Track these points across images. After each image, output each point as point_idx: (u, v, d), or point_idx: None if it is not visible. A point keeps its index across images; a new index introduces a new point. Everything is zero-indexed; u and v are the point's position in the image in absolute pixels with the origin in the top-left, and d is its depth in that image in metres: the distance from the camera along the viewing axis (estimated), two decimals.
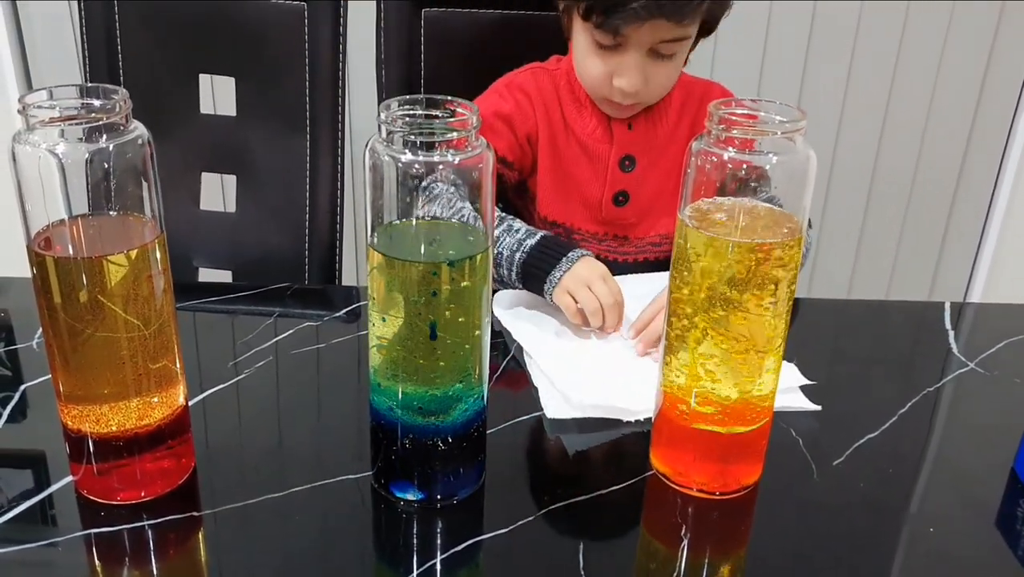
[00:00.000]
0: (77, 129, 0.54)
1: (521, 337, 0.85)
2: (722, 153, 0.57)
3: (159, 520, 0.61)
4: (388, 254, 0.56)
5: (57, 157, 0.54)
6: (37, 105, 0.53)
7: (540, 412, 0.75)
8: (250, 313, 0.89)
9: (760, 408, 0.63)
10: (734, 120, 0.57)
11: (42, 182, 0.54)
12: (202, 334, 0.86)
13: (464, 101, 0.56)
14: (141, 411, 0.61)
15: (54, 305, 0.57)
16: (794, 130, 0.56)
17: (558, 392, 0.76)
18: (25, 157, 0.54)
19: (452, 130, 0.54)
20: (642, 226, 1.07)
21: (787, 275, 0.59)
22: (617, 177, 1.04)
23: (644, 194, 1.05)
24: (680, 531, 0.63)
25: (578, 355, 0.83)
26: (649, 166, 1.05)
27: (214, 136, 1.23)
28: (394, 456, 0.62)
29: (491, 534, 0.62)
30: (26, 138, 0.54)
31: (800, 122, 0.56)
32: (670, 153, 1.05)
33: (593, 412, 0.74)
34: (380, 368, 0.60)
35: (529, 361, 0.82)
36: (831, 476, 0.69)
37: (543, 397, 0.76)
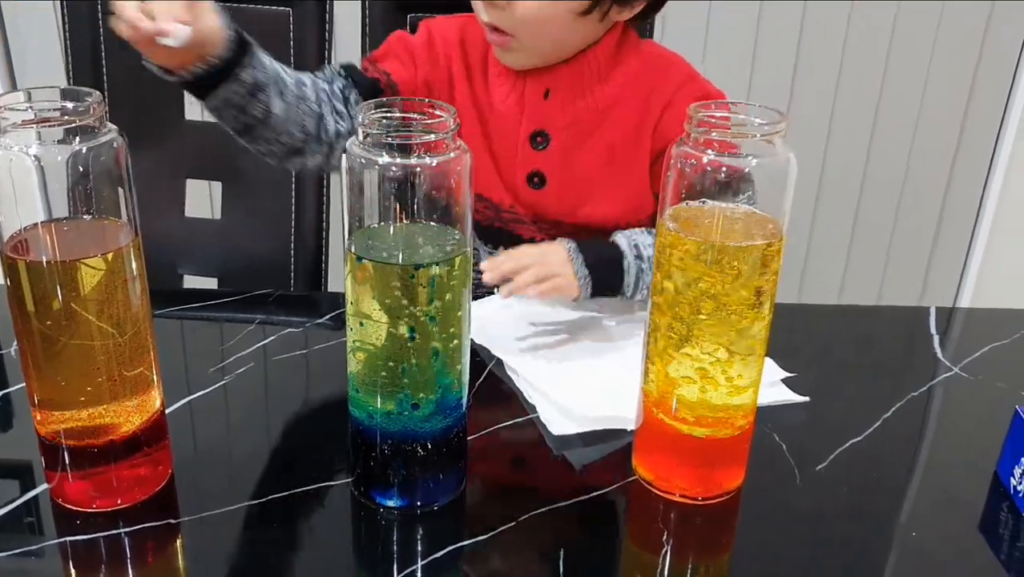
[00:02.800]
0: (51, 132, 0.54)
1: (501, 352, 0.82)
2: (701, 156, 0.57)
3: (136, 527, 0.61)
4: (365, 257, 0.56)
5: (30, 159, 0.53)
6: (9, 107, 0.53)
7: (522, 418, 0.74)
8: (233, 319, 0.89)
9: (742, 412, 0.63)
10: (713, 123, 0.57)
11: (14, 185, 0.54)
12: (185, 340, 0.85)
13: (442, 104, 0.56)
14: (116, 418, 0.60)
15: (26, 310, 0.56)
16: (773, 132, 0.56)
17: (557, 407, 0.74)
18: None
19: (430, 132, 0.54)
20: (571, 215, 0.94)
21: (769, 278, 0.59)
22: (528, 155, 0.93)
23: (566, 177, 0.93)
24: (662, 537, 0.62)
25: (566, 365, 0.81)
26: (572, 146, 0.92)
27: (199, 142, 1.22)
28: (373, 462, 0.62)
29: (471, 541, 0.61)
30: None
31: (780, 124, 0.56)
32: (600, 131, 0.91)
33: (597, 424, 0.72)
34: (358, 373, 0.60)
35: (516, 377, 0.79)
36: (815, 481, 0.68)
37: (543, 414, 0.74)
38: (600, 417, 0.72)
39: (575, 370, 0.80)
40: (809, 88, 1.74)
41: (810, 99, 1.75)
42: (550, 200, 0.94)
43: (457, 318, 0.58)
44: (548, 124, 0.92)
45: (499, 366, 0.81)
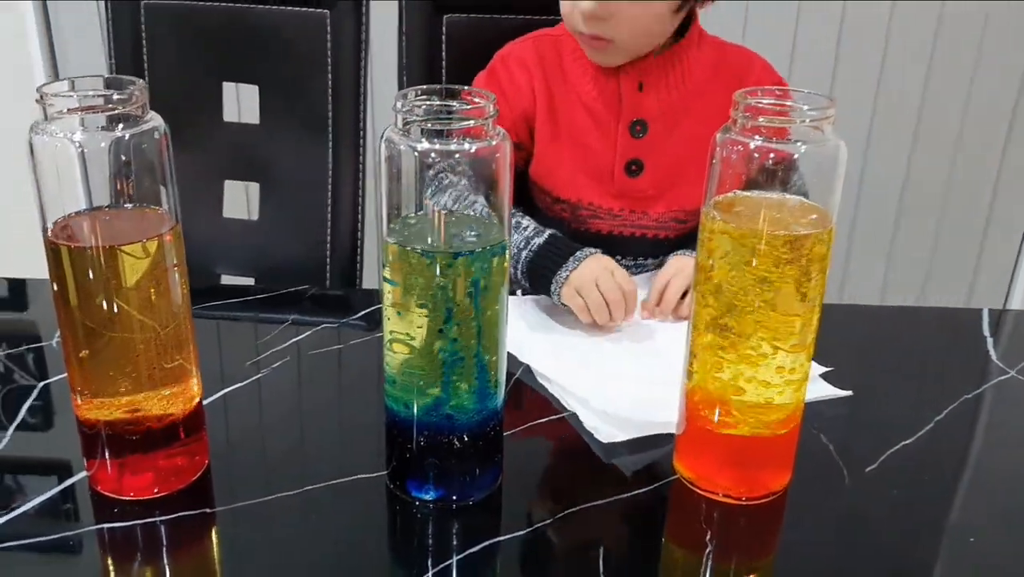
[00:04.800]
0: (95, 120, 0.54)
1: (529, 359, 0.80)
2: (748, 142, 0.56)
3: (171, 516, 0.60)
4: (404, 246, 0.55)
5: (73, 146, 0.53)
6: (55, 95, 0.53)
7: (556, 416, 0.73)
8: (269, 314, 0.89)
9: (789, 410, 0.61)
10: (761, 108, 0.55)
11: (58, 172, 0.54)
12: (221, 334, 0.86)
13: (481, 91, 0.55)
14: (155, 407, 0.60)
15: (68, 296, 0.56)
16: (823, 118, 0.55)
17: (601, 415, 0.72)
18: (42, 147, 0.53)
19: (468, 118, 0.53)
20: (663, 200, 0.99)
21: (818, 271, 0.57)
22: (628, 144, 0.97)
23: (661, 163, 0.97)
24: (705, 537, 0.60)
25: (601, 370, 0.79)
26: (666, 132, 0.97)
27: (237, 144, 1.23)
28: (409, 455, 0.61)
29: (508, 536, 0.60)
30: (44, 128, 0.53)
31: (829, 110, 0.55)
32: (693, 118, 0.96)
33: (645, 430, 0.70)
34: (395, 365, 0.59)
35: (548, 384, 0.77)
36: (864, 483, 0.66)
37: (587, 422, 0.71)
38: (648, 422, 0.70)
39: (612, 374, 0.78)
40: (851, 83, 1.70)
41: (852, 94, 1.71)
42: (645, 185, 0.98)
43: (495, 307, 0.57)
44: (645, 113, 0.96)
45: (528, 369, 0.80)
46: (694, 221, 1.00)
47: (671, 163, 0.97)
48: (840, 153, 0.56)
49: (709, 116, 0.94)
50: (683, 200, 0.99)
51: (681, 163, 0.97)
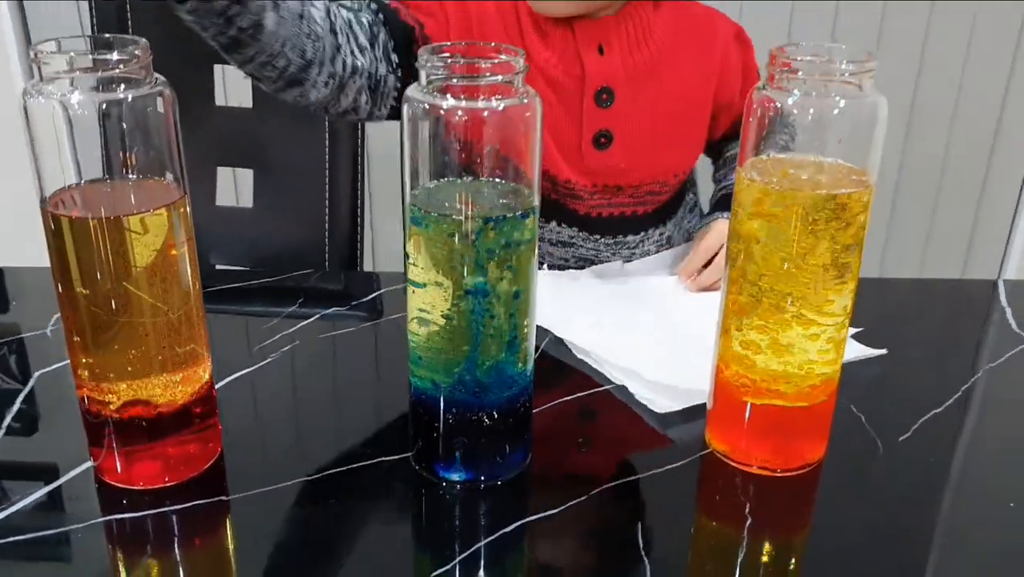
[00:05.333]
0: (93, 80, 0.51)
1: (564, 333, 0.77)
2: (785, 99, 0.53)
3: (184, 505, 0.57)
4: (429, 212, 0.52)
5: (72, 109, 0.50)
6: (52, 52, 0.50)
7: (585, 392, 0.71)
8: (273, 299, 0.86)
9: (826, 378, 0.59)
10: (797, 63, 0.53)
11: (56, 137, 0.51)
12: (225, 320, 0.82)
13: (510, 47, 0.53)
14: (165, 391, 0.57)
15: (69, 271, 0.53)
16: (862, 72, 0.53)
17: (654, 385, 0.69)
18: (38, 109, 0.50)
19: (497, 74, 0.50)
20: (636, 171, 0.93)
21: (857, 233, 0.55)
22: (595, 115, 0.90)
23: (631, 132, 0.91)
24: (743, 510, 0.58)
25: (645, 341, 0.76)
26: (633, 99, 0.90)
27: (230, 129, 1.19)
28: (436, 434, 0.58)
29: (540, 515, 0.57)
30: (39, 89, 0.50)
31: (868, 64, 0.53)
32: (659, 83, 0.91)
33: (701, 398, 0.67)
34: (420, 341, 0.56)
35: (587, 358, 0.74)
36: (899, 452, 0.64)
37: (640, 394, 0.69)
38: (702, 391, 0.67)
39: (654, 344, 0.76)
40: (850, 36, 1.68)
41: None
42: (615, 159, 0.92)
43: (525, 277, 0.55)
44: (611, 80, 0.90)
45: (554, 345, 0.78)
46: (669, 192, 0.98)
47: (641, 132, 0.91)
48: (880, 110, 0.53)
49: (676, 80, 0.92)
50: (656, 171, 0.94)
51: (651, 132, 0.92)
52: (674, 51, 0.91)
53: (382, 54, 0.84)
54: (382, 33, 0.85)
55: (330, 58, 0.79)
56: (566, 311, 0.81)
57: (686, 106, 0.93)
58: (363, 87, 0.83)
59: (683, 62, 0.92)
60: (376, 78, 0.84)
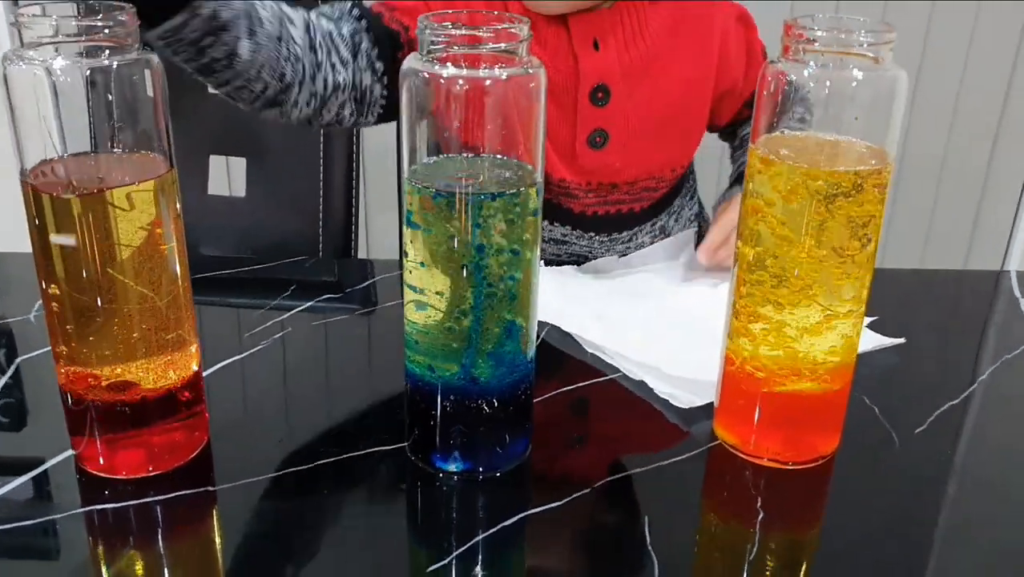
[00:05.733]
0: (78, 47, 0.48)
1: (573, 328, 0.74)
2: (800, 72, 0.51)
3: (168, 496, 0.55)
4: (428, 188, 0.50)
5: (54, 76, 0.48)
6: (34, 16, 0.47)
7: (586, 381, 0.68)
8: (264, 286, 0.83)
9: (841, 366, 0.57)
10: (814, 34, 0.51)
11: (38, 105, 0.48)
12: (214, 306, 0.80)
13: (513, 15, 0.50)
14: (150, 376, 0.55)
15: (49, 249, 0.51)
16: (881, 43, 0.50)
17: (675, 380, 0.67)
18: (19, 75, 0.48)
19: (500, 42, 0.48)
20: (631, 169, 0.90)
21: (874, 214, 0.53)
22: (590, 113, 0.86)
23: (627, 130, 0.88)
24: (755, 504, 0.56)
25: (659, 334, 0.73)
26: (629, 95, 0.87)
27: (222, 116, 1.17)
28: (433, 422, 0.56)
29: (541, 508, 0.55)
30: (20, 55, 0.48)
31: (887, 35, 0.50)
32: (655, 78, 0.88)
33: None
34: (418, 325, 0.54)
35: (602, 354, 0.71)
36: (915, 444, 0.62)
37: (660, 390, 0.66)
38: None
39: (667, 336, 0.73)
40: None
41: None
42: (611, 158, 0.89)
43: (529, 257, 0.52)
44: (606, 77, 0.86)
45: (556, 332, 0.75)
46: (666, 187, 0.95)
47: (637, 130, 0.89)
48: (899, 84, 0.51)
49: (673, 74, 0.88)
50: (652, 167, 0.91)
51: (648, 129, 0.89)
52: (671, 44, 0.88)
53: (366, 64, 0.81)
54: (365, 42, 0.81)
55: (310, 76, 0.77)
56: (570, 306, 0.78)
57: (684, 100, 0.91)
58: (346, 100, 0.81)
59: (681, 54, 0.89)
60: (360, 90, 0.82)
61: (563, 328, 0.75)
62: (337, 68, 0.79)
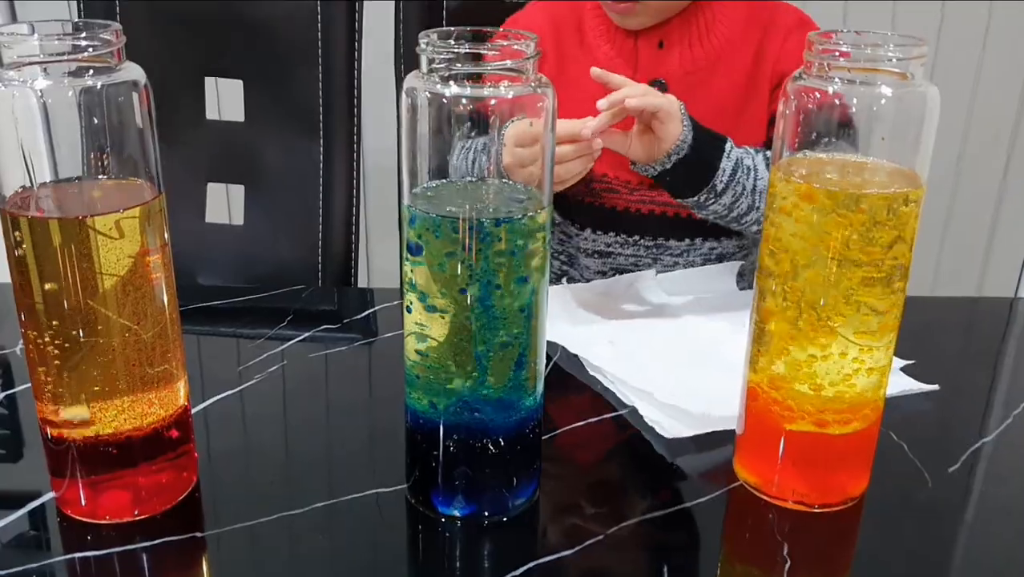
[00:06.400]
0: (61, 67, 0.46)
1: (577, 349, 0.72)
2: (825, 89, 0.48)
3: (155, 542, 0.51)
4: (430, 214, 0.47)
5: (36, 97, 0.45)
6: (14, 33, 0.45)
7: (597, 417, 0.65)
8: (260, 316, 0.80)
9: (869, 403, 0.53)
10: (839, 50, 0.48)
11: (17, 128, 0.45)
12: (206, 338, 0.77)
13: (520, 32, 0.47)
14: (135, 414, 0.51)
15: (29, 280, 0.48)
16: (911, 58, 0.47)
17: (666, 408, 0.64)
18: None
19: (505, 59, 0.45)
20: None
21: (905, 240, 0.50)
22: None
23: None
24: (781, 550, 0.52)
25: (662, 360, 0.71)
26: (687, 94, 0.85)
27: (221, 143, 1.14)
28: (435, 463, 0.52)
29: (551, 557, 0.51)
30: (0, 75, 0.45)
31: (917, 50, 0.47)
32: (719, 79, 0.88)
33: (716, 425, 0.62)
34: (418, 358, 0.51)
35: (601, 377, 0.69)
36: (949, 484, 0.58)
37: (649, 416, 0.63)
38: (719, 417, 0.62)
39: (672, 365, 0.70)
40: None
41: None
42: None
43: (537, 284, 0.49)
44: (665, 74, 0.88)
45: (565, 362, 0.72)
46: None
47: None
48: (930, 101, 0.48)
49: (734, 76, 0.88)
50: None
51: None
52: (736, 46, 0.89)
53: None
54: None
55: None
56: (581, 326, 0.75)
57: (743, 103, 0.90)
58: None
59: (744, 57, 0.89)
60: None
61: (570, 349, 0.72)
62: None
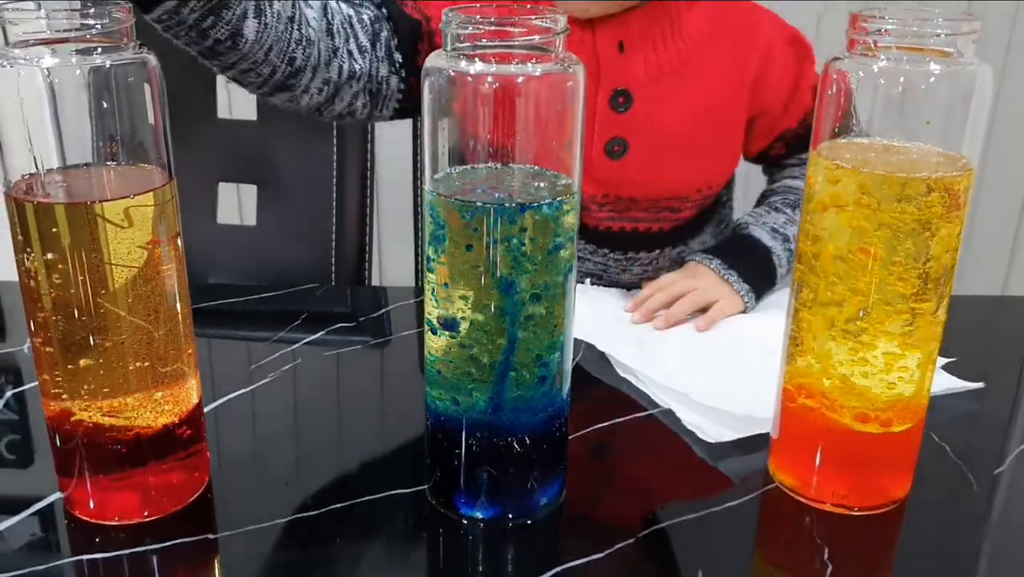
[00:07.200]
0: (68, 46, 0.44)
1: (607, 348, 0.70)
2: (870, 68, 0.46)
3: (166, 544, 0.49)
4: (453, 199, 0.45)
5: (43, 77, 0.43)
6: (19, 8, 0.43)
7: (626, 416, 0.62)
8: (273, 315, 0.78)
9: (913, 402, 0.50)
10: (884, 25, 0.45)
11: (23, 111, 0.43)
12: (217, 336, 0.75)
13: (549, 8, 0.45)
14: (146, 412, 0.49)
15: (36, 271, 0.46)
16: (959, 33, 0.45)
17: (706, 411, 0.61)
18: (3, 78, 0.43)
19: (533, 35, 0.43)
20: (653, 185, 0.84)
21: (950, 230, 0.47)
22: (608, 119, 0.80)
23: (649, 141, 0.82)
24: (820, 554, 0.49)
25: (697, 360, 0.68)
26: (654, 103, 0.81)
27: (233, 143, 1.13)
28: (457, 463, 0.50)
29: (581, 560, 0.49)
30: (4, 54, 0.43)
31: (967, 25, 0.45)
32: (685, 86, 0.81)
33: (759, 428, 0.59)
34: (440, 354, 0.48)
35: (633, 378, 0.66)
36: (995, 487, 0.55)
37: (687, 420, 0.61)
38: (766, 419, 0.58)
39: (707, 365, 0.67)
40: None
41: None
42: (629, 170, 0.82)
43: (565, 275, 0.47)
44: (629, 81, 0.80)
45: (593, 360, 0.70)
46: (692, 209, 0.88)
47: (660, 141, 0.82)
48: (981, 81, 0.46)
49: (705, 84, 0.82)
50: (676, 185, 0.85)
51: (672, 141, 0.82)
52: (706, 51, 0.82)
53: (384, 54, 0.77)
54: (384, 30, 0.77)
55: (325, 63, 0.72)
56: (609, 325, 0.73)
57: (715, 113, 0.84)
58: (360, 91, 0.77)
59: (716, 63, 0.82)
60: (376, 80, 0.77)
61: (598, 347, 0.70)
62: (354, 56, 0.74)
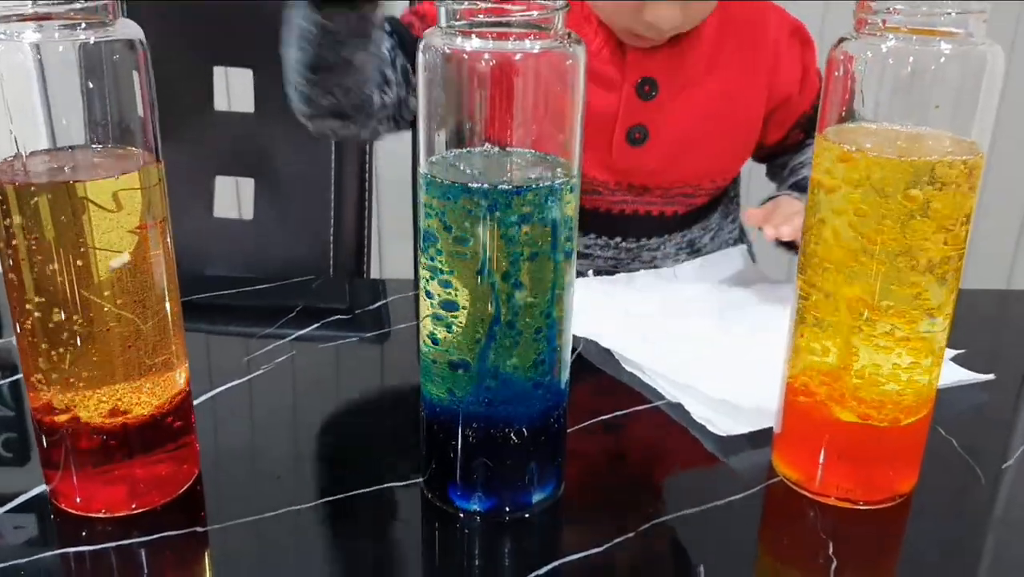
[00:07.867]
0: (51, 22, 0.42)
1: (611, 343, 0.68)
2: (878, 48, 0.45)
3: (153, 537, 0.48)
4: (449, 183, 0.43)
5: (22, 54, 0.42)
6: None
7: (626, 410, 0.61)
8: (269, 306, 0.77)
9: (920, 395, 0.49)
10: (892, 8, 0.44)
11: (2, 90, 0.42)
12: (212, 327, 0.73)
13: None
14: (133, 402, 0.48)
15: (18, 256, 0.44)
16: (971, 12, 0.44)
17: (716, 404, 0.60)
18: None
19: (531, 11, 0.42)
20: (668, 173, 0.86)
21: (959, 216, 0.46)
22: (634, 106, 0.82)
23: (668, 132, 0.84)
24: (825, 549, 0.48)
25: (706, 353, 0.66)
26: (676, 96, 0.83)
27: (230, 135, 1.12)
28: (453, 454, 0.48)
29: (576, 556, 0.47)
30: None
31: (978, 4, 0.44)
32: (704, 84, 0.84)
33: (770, 421, 0.57)
34: (436, 342, 0.47)
35: (640, 373, 0.65)
36: (1002, 481, 0.54)
37: (697, 413, 0.59)
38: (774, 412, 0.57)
39: (714, 357, 0.66)
40: None
41: None
42: (648, 157, 0.84)
43: (562, 266, 0.46)
44: (655, 71, 0.83)
45: (593, 351, 0.68)
46: (704, 196, 0.90)
47: (678, 132, 0.84)
48: (992, 62, 0.44)
49: (723, 78, 0.84)
50: (689, 174, 0.87)
51: (689, 133, 0.84)
52: (721, 47, 0.84)
53: (402, 78, 0.79)
54: (400, 57, 0.80)
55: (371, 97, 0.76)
56: (611, 320, 0.72)
57: (733, 106, 0.86)
58: (386, 118, 0.80)
59: (731, 59, 0.85)
60: (399, 107, 0.80)
61: (602, 344, 0.68)
62: (384, 90, 0.78)
